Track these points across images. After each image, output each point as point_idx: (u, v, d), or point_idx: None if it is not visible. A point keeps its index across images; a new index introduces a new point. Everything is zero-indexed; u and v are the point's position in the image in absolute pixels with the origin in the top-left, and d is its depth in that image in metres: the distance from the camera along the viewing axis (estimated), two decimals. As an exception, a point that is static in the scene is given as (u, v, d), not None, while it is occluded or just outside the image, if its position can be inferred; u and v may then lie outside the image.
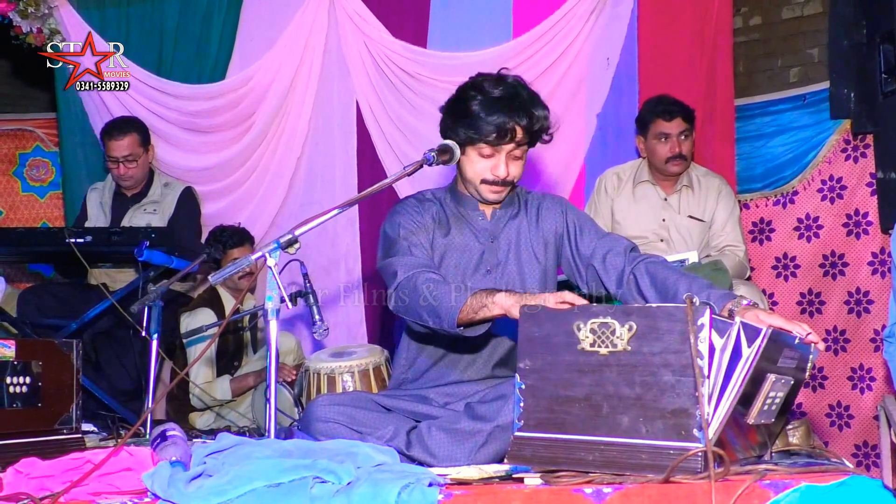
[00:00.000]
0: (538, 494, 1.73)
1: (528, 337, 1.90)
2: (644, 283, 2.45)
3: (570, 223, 2.68)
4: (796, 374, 2.00)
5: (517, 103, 2.51)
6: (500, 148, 2.52)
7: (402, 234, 2.58)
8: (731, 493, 1.62)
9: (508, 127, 2.48)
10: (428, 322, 2.40)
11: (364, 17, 4.66)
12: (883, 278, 4.28)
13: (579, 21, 4.50)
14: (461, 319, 2.31)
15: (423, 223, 2.63)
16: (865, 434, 4.30)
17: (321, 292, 3.66)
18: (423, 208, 2.67)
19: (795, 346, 1.96)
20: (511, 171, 2.56)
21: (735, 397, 1.73)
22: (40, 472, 1.90)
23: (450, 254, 2.63)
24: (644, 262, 2.50)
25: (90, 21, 4.79)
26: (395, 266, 2.50)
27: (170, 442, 1.96)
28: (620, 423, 1.78)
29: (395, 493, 1.69)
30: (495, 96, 2.51)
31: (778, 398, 1.91)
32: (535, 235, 2.68)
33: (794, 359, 1.96)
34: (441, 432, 2.32)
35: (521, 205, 2.72)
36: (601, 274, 2.57)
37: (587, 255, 2.61)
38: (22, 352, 2.46)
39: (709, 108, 4.45)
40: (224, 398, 4.05)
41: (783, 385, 1.91)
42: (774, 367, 1.87)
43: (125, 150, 4.19)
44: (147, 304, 3.23)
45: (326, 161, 4.75)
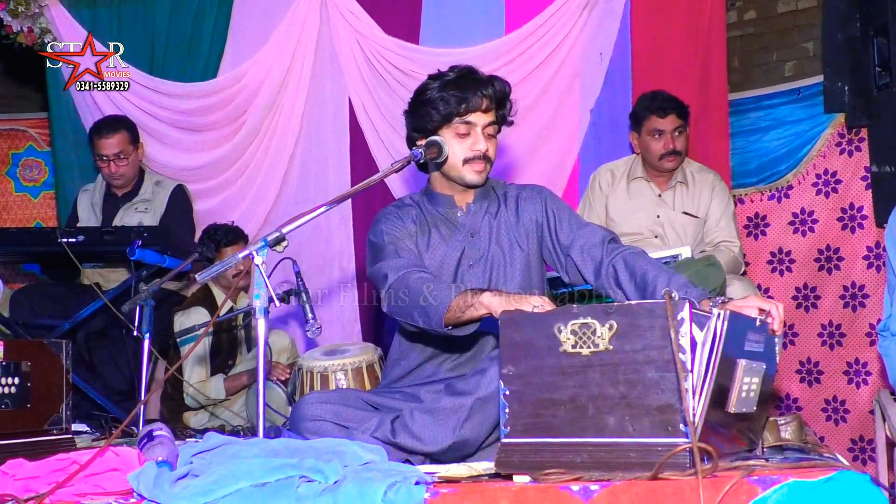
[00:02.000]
0: (525, 492, 1.72)
1: (510, 342, 1.88)
2: (623, 275, 2.45)
3: (549, 212, 2.67)
4: (766, 360, 1.99)
5: (475, 76, 2.60)
6: (472, 123, 2.56)
7: (386, 239, 2.60)
8: (719, 490, 1.61)
9: (474, 95, 2.54)
10: (418, 322, 2.41)
11: (356, 14, 4.65)
12: (878, 272, 4.28)
13: (572, 16, 4.49)
14: (448, 319, 2.32)
15: (406, 228, 2.64)
16: (861, 428, 4.29)
17: (315, 290, 3.65)
18: (403, 213, 2.69)
19: (756, 328, 1.95)
20: (489, 149, 2.59)
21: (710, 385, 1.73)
22: (26, 474, 1.89)
23: (432, 254, 2.64)
24: (623, 254, 2.49)
25: (81, 20, 4.78)
26: (385, 269, 2.52)
27: (156, 442, 1.95)
28: (607, 423, 1.76)
29: (381, 492, 1.68)
30: (451, 77, 2.60)
31: (754, 385, 1.90)
32: (516, 226, 2.68)
33: (759, 342, 1.96)
34: (424, 415, 2.31)
35: (498, 197, 2.73)
36: (579, 264, 2.57)
37: (566, 245, 2.61)
38: (11, 352, 2.45)
39: (703, 102, 4.44)
40: (218, 397, 4.04)
41: (755, 370, 1.90)
42: (742, 352, 1.86)
43: (115, 148, 4.18)
44: (139, 304, 3.23)
45: (319, 158, 4.74)
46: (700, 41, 4.46)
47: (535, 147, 4.55)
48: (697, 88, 4.42)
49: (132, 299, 3.25)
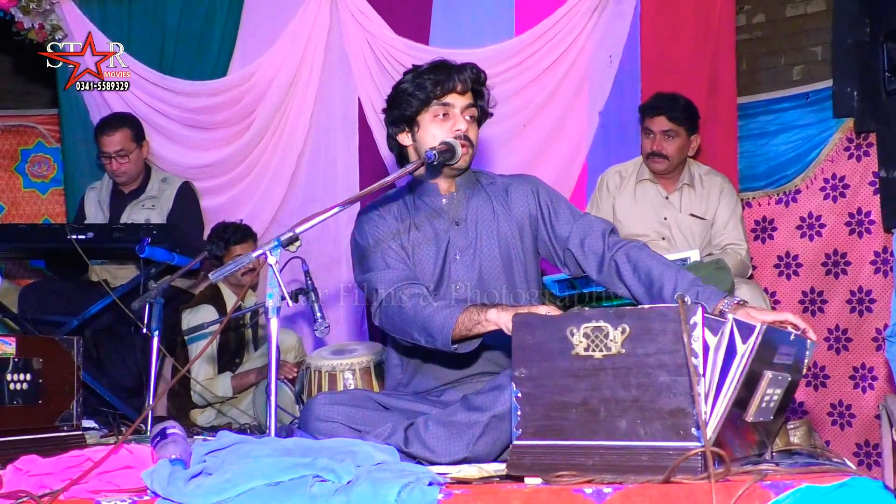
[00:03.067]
0: (538, 494, 1.73)
1: (522, 345, 1.88)
2: (626, 270, 2.43)
3: (542, 204, 2.64)
4: (793, 372, 1.99)
5: (448, 63, 2.61)
6: (450, 104, 2.56)
7: (371, 242, 2.58)
8: (732, 494, 1.61)
9: (448, 78, 2.55)
10: (419, 341, 2.41)
11: (366, 14, 4.66)
12: (885, 277, 4.28)
13: (582, 18, 4.50)
14: (455, 337, 2.33)
15: (389, 228, 2.62)
16: (867, 433, 4.30)
17: (323, 290, 3.66)
18: (384, 211, 2.66)
19: (791, 341, 1.95)
20: (470, 131, 2.58)
21: (732, 396, 1.73)
22: (40, 470, 1.90)
23: (419, 247, 2.61)
24: (625, 248, 2.47)
25: (92, 17, 4.79)
26: (376, 283, 2.51)
27: (170, 440, 1.96)
28: (619, 426, 1.77)
29: (394, 492, 1.68)
30: (425, 67, 2.61)
31: (776, 396, 1.90)
32: (507, 218, 2.64)
33: (790, 355, 1.96)
34: (438, 426, 2.30)
35: (484, 187, 2.70)
36: (579, 258, 2.55)
37: (563, 238, 2.59)
38: (22, 349, 2.45)
39: (711, 106, 4.44)
40: (225, 395, 4.05)
41: (780, 382, 1.90)
42: (770, 365, 1.86)
43: (117, 146, 4.18)
44: (148, 301, 3.24)
45: (328, 158, 4.75)
46: (709, 44, 4.47)
47: (543, 148, 4.56)
48: (706, 92, 4.42)
49: (142, 297, 3.26)
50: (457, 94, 2.57)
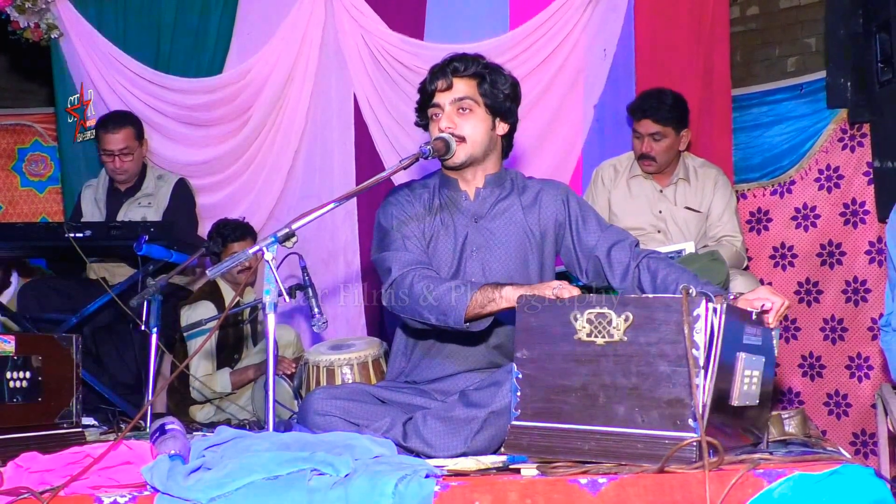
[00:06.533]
0: (534, 485, 1.75)
1: (526, 327, 1.91)
2: (645, 279, 2.50)
3: (571, 212, 2.68)
4: (765, 353, 2.01)
5: (436, 64, 2.66)
6: (438, 104, 2.61)
7: (395, 224, 2.61)
8: (726, 483, 1.63)
9: (431, 81, 2.61)
10: (430, 320, 2.42)
11: (361, 10, 4.66)
12: (880, 267, 4.30)
13: (576, 12, 4.50)
14: (468, 315, 2.35)
15: (415, 212, 2.65)
16: (863, 422, 4.32)
17: (320, 285, 3.67)
18: (414, 196, 2.70)
19: (753, 321, 1.98)
20: (458, 125, 2.59)
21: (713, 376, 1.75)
22: (40, 467, 1.92)
23: (438, 237, 2.65)
24: (647, 259, 2.54)
25: (87, 16, 4.80)
26: (390, 262, 2.53)
27: (169, 435, 1.97)
28: (616, 412, 1.79)
29: (391, 485, 1.70)
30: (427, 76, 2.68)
31: (755, 377, 1.92)
32: (533, 221, 2.67)
33: (757, 336, 1.98)
34: (436, 421, 2.33)
35: (513, 188, 2.72)
36: (605, 267, 2.59)
37: (590, 247, 2.63)
38: (22, 346, 2.46)
39: (706, 98, 4.45)
40: (224, 391, 4.06)
41: (755, 363, 1.92)
42: (741, 346, 1.88)
43: (120, 144, 4.19)
44: (146, 299, 3.24)
45: (324, 154, 4.76)
46: (703, 37, 4.47)
47: (538, 142, 4.57)
48: (700, 84, 4.43)
49: (140, 294, 3.26)
50: (441, 92, 2.61)
